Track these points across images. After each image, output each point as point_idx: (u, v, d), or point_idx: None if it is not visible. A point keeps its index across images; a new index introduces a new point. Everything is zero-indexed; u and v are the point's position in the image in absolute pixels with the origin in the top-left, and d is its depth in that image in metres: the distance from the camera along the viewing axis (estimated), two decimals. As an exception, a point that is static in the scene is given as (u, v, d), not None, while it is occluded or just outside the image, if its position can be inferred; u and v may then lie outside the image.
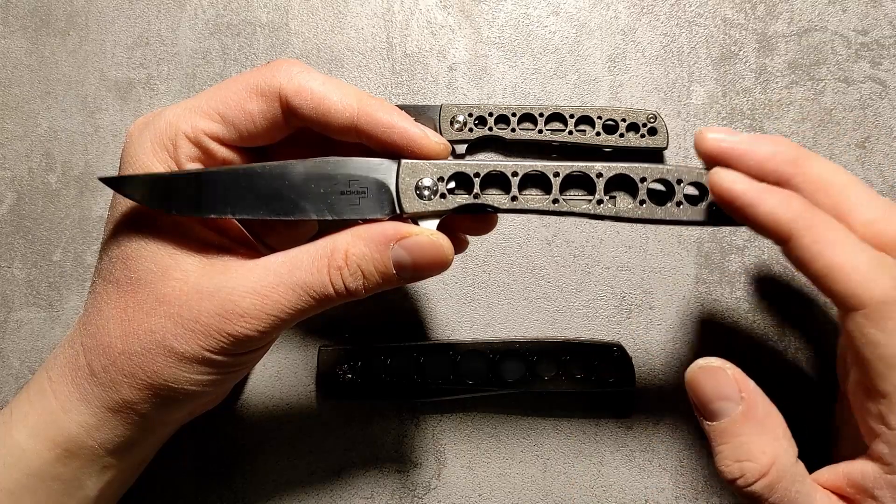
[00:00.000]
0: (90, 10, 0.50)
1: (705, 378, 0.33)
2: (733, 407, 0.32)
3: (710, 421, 0.33)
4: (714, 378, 0.33)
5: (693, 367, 0.34)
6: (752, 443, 0.32)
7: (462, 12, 0.50)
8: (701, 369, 0.34)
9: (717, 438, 0.33)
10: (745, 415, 0.32)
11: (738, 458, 0.32)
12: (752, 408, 0.32)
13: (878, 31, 0.49)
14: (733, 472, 0.32)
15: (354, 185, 0.33)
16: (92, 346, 0.33)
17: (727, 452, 0.32)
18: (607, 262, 0.47)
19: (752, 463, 0.31)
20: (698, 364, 0.34)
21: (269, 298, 0.32)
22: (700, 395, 0.33)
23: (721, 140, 0.34)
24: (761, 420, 0.32)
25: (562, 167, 0.34)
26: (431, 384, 0.44)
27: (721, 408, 0.33)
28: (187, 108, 0.34)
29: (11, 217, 0.48)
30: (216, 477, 0.45)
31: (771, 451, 0.32)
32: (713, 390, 0.33)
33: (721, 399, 0.33)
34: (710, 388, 0.33)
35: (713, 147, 0.34)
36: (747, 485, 0.31)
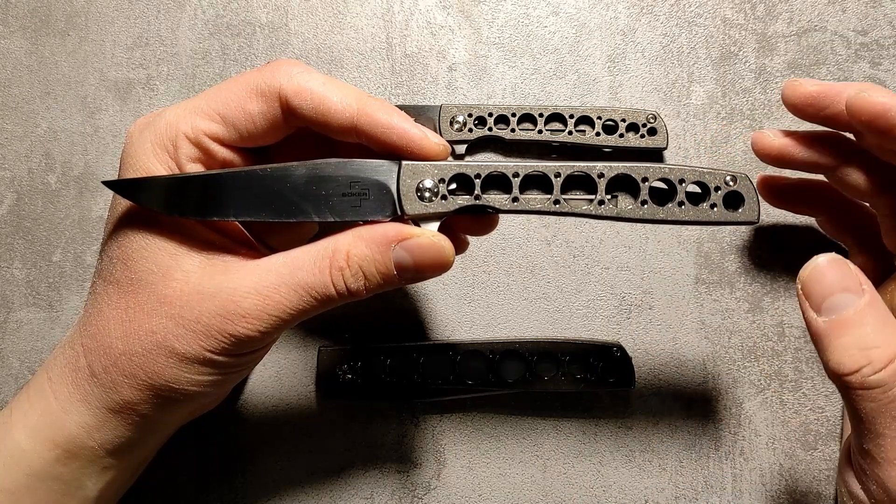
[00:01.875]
0: (90, 10, 0.50)
1: (828, 269, 0.32)
2: (855, 298, 0.31)
3: (828, 316, 0.31)
4: (838, 270, 0.32)
5: (813, 261, 0.33)
6: (877, 332, 0.30)
7: (462, 12, 0.50)
8: (824, 261, 0.32)
9: (838, 331, 0.31)
10: (869, 304, 0.31)
11: (864, 346, 0.30)
12: (875, 299, 0.31)
13: (877, 31, 0.49)
14: (859, 361, 0.30)
15: (356, 187, 0.33)
16: (92, 347, 0.33)
17: (851, 343, 0.31)
18: (607, 263, 0.47)
19: (879, 349, 0.30)
20: (819, 258, 0.32)
21: (271, 299, 0.32)
22: (820, 287, 0.32)
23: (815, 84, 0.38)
24: (883, 312, 0.31)
25: (563, 167, 0.34)
26: (431, 384, 0.44)
27: (842, 300, 0.31)
28: (187, 108, 0.34)
29: (11, 217, 0.48)
30: (216, 477, 0.45)
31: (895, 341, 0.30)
32: (836, 282, 0.32)
33: (844, 290, 0.31)
34: (832, 279, 0.32)
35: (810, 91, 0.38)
36: (874, 371, 0.30)
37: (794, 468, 0.44)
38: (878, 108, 0.34)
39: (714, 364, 0.46)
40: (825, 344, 0.31)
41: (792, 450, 0.45)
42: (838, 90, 0.37)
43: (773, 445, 0.45)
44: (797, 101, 0.38)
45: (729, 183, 0.34)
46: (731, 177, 0.34)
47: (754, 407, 0.45)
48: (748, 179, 0.34)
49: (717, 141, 0.48)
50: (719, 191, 0.34)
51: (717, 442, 0.45)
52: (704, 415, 0.45)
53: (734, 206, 0.34)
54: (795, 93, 0.38)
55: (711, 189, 0.34)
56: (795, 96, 0.38)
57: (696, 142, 0.48)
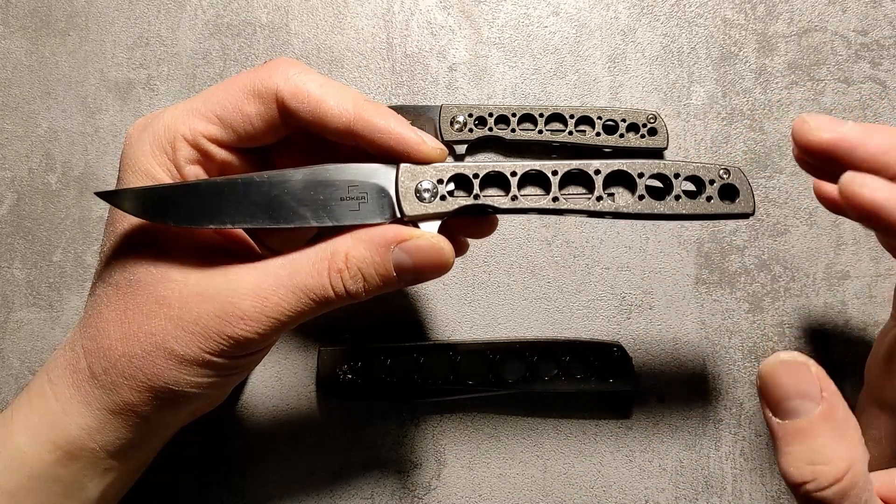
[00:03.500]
0: (90, 11, 0.50)
1: (786, 373, 0.30)
2: (812, 407, 0.29)
3: (783, 419, 0.30)
4: (795, 374, 0.30)
5: (772, 359, 0.31)
6: (828, 446, 0.29)
7: (462, 13, 0.50)
8: (782, 363, 0.30)
9: (789, 438, 0.30)
10: (824, 416, 0.29)
11: (812, 461, 0.29)
12: (832, 410, 0.30)
13: (878, 31, 0.49)
14: (804, 476, 0.29)
15: (354, 191, 0.33)
16: (92, 349, 0.33)
17: (799, 454, 0.29)
18: (607, 263, 0.47)
19: (826, 467, 0.29)
20: (779, 357, 0.31)
21: (270, 301, 0.32)
22: (777, 390, 0.30)
23: (829, 131, 0.31)
24: (840, 424, 0.30)
25: (560, 165, 0.34)
26: (431, 384, 0.44)
27: (798, 406, 0.30)
28: (185, 110, 0.34)
29: (11, 217, 0.48)
30: (216, 477, 0.45)
31: (848, 456, 0.29)
32: (793, 387, 0.30)
33: (799, 397, 0.30)
34: (789, 383, 0.30)
35: (820, 140, 0.31)
36: (818, 489, 0.29)
37: (794, 468, 0.44)
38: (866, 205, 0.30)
39: (714, 364, 0.46)
40: (777, 446, 0.30)
41: (792, 450, 0.44)
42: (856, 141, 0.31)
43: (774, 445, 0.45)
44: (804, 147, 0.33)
45: (723, 176, 0.34)
46: (725, 170, 0.34)
47: (754, 407, 0.45)
48: (742, 172, 0.34)
49: (717, 141, 0.48)
50: (714, 184, 0.34)
51: (717, 442, 0.45)
52: (704, 415, 0.45)
53: (730, 198, 0.34)
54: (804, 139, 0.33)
55: (706, 183, 0.34)
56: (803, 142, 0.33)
57: (696, 142, 0.48)
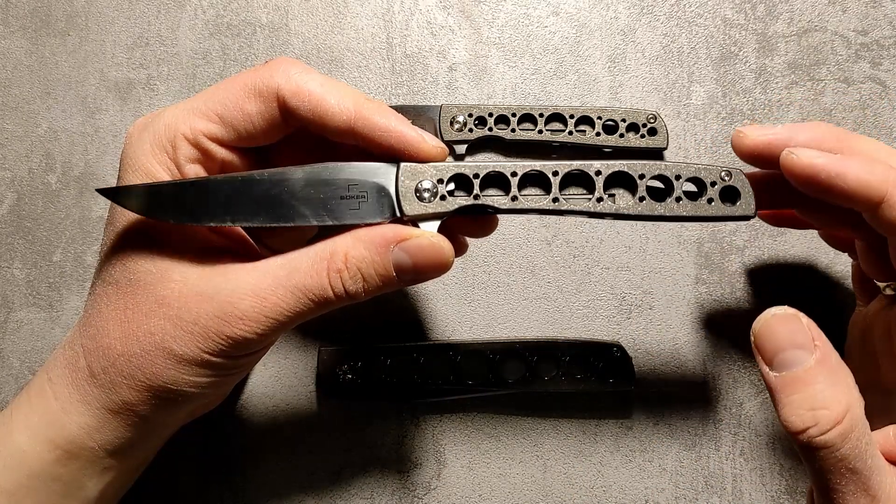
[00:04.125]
0: (90, 11, 0.50)
1: (779, 325, 0.32)
2: (806, 356, 0.31)
3: (779, 371, 0.31)
4: (788, 326, 0.32)
5: (765, 314, 0.32)
6: (826, 391, 0.30)
7: (462, 13, 0.50)
8: (774, 317, 0.32)
9: (787, 388, 0.31)
10: (819, 363, 0.31)
11: (812, 407, 0.30)
12: (826, 357, 0.31)
13: (878, 31, 0.49)
14: (806, 421, 0.30)
15: (354, 190, 0.33)
16: (92, 348, 0.33)
17: (799, 402, 0.30)
18: (607, 263, 0.47)
19: (826, 410, 0.30)
20: (771, 312, 0.32)
21: (269, 301, 0.32)
22: (772, 342, 0.32)
23: (761, 134, 0.35)
24: (834, 370, 0.31)
25: (560, 166, 0.34)
26: (431, 384, 0.44)
27: (793, 356, 0.31)
28: (186, 109, 0.34)
29: (11, 217, 0.48)
30: (216, 477, 0.45)
31: (845, 399, 0.30)
32: (787, 338, 0.31)
33: (794, 347, 0.31)
34: (783, 335, 0.31)
35: (756, 142, 0.35)
36: (821, 433, 0.30)
37: (795, 468, 0.44)
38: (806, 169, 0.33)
39: (714, 364, 0.46)
40: (776, 399, 0.31)
41: (792, 450, 0.44)
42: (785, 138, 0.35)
43: (773, 445, 0.45)
44: (745, 155, 0.37)
45: (724, 178, 0.34)
46: (727, 172, 0.34)
47: (754, 407, 0.45)
48: (743, 174, 0.34)
49: (717, 141, 0.48)
50: (715, 186, 0.34)
51: (717, 442, 0.45)
52: (704, 415, 0.45)
53: (731, 200, 0.34)
54: (742, 145, 0.36)
55: (707, 185, 0.34)
56: (742, 149, 0.37)
57: (696, 142, 0.48)
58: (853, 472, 0.30)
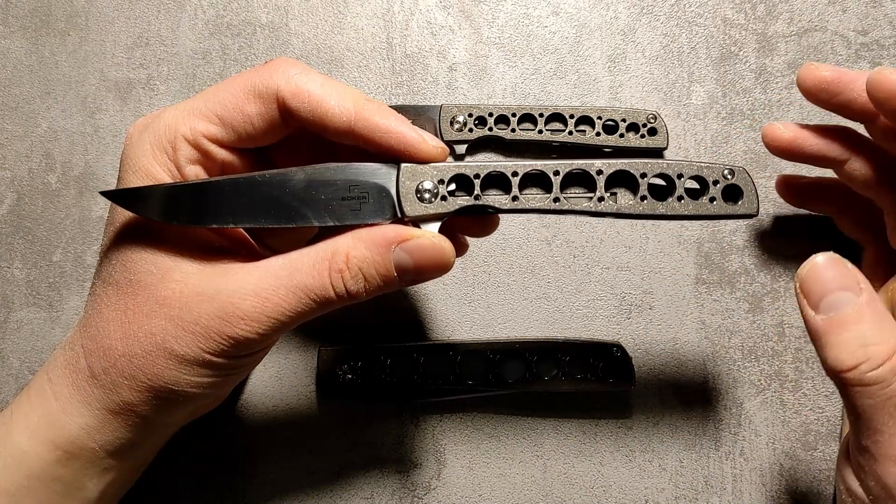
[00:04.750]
0: (90, 10, 0.50)
1: (826, 269, 0.32)
2: (853, 297, 0.31)
3: (826, 313, 0.32)
4: (836, 268, 0.32)
5: (811, 260, 0.33)
6: (875, 329, 0.31)
7: (462, 12, 0.50)
8: (822, 261, 0.32)
9: (837, 328, 0.31)
10: (867, 303, 0.31)
11: (863, 343, 0.30)
12: (873, 298, 0.32)
13: (878, 31, 0.49)
14: (857, 357, 0.30)
15: (355, 191, 0.33)
16: (92, 349, 0.33)
17: (849, 339, 0.31)
18: (607, 262, 0.47)
19: (878, 346, 0.30)
20: (817, 257, 0.33)
21: (270, 301, 0.32)
22: (819, 285, 0.32)
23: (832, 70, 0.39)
24: (881, 311, 0.32)
25: (562, 165, 0.34)
26: (431, 384, 0.44)
27: (841, 298, 0.31)
28: (186, 110, 0.34)
29: (11, 217, 0.48)
30: (216, 477, 0.45)
31: (893, 337, 0.31)
32: (834, 280, 0.32)
33: (842, 289, 0.32)
34: (830, 277, 0.32)
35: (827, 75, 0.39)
36: (872, 368, 0.30)
37: (795, 468, 0.44)
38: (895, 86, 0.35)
39: (714, 364, 0.46)
40: (823, 342, 0.32)
41: (792, 450, 0.45)
42: (853, 77, 0.38)
43: (773, 445, 0.45)
44: (811, 86, 0.39)
45: (727, 176, 0.34)
46: (729, 170, 0.34)
47: (754, 407, 0.45)
48: (746, 173, 0.34)
49: (717, 141, 0.48)
50: (718, 184, 0.34)
51: (717, 442, 0.45)
52: (704, 415, 0.45)
53: (733, 199, 0.34)
54: (811, 76, 0.39)
55: (710, 183, 0.34)
56: (811, 80, 0.39)
57: (696, 142, 0.48)
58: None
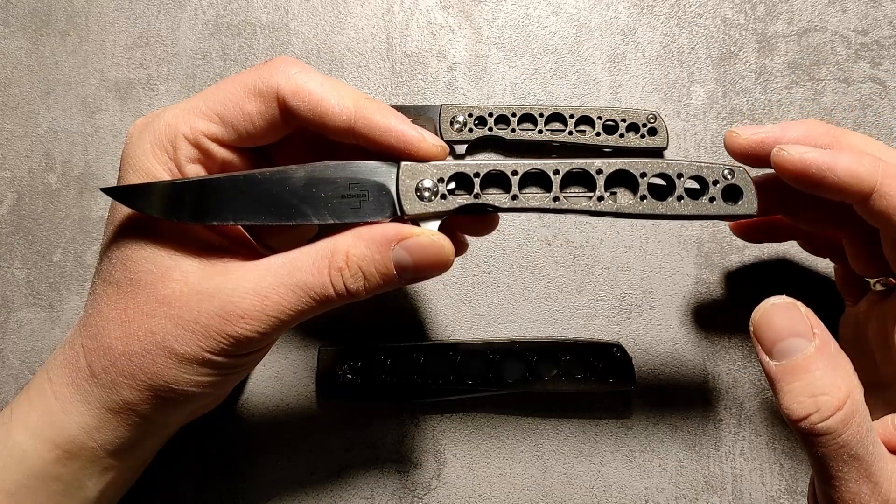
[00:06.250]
0: (90, 10, 0.50)
1: (778, 314, 0.32)
2: (805, 344, 0.31)
3: (779, 360, 0.31)
4: (787, 314, 0.32)
5: (763, 304, 0.33)
6: (826, 377, 0.30)
7: (462, 12, 0.50)
8: (773, 306, 0.32)
9: (788, 376, 0.31)
10: (819, 350, 0.31)
11: (812, 394, 0.30)
12: (825, 343, 0.31)
13: (878, 31, 0.49)
14: (807, 408, 0.30)
15: (355, 189, 0.33)
16: (92, 348, 0.33)
17: (799, 389, 0.30)
18: (607, 263, 0.47)
19: (827, 397, 0.30)
20: (769, 301, 0.33)
21: (270, 300, 0.32)
22: (771, 332, 0.32)
23: (753, 133, 0.36)
24: (834, 357, 0.31)
25: (561, 164, 0.34)
26: (431, 384, 0.44)
27: (792, 345, 0.31)
28: (186, 109, 0.34)
29: (11, 217, 0.48)
30: (216, 477, 0.45)
31: (845, 385, 0.30)
32: (786, 327, 0.32)
33: (793, 335, 0.31)
34: (782, 324, 0.32)
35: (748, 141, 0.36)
36: (822, 419, 0.30)
37: (795, 468, 0.44)
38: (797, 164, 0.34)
39: (714, 364, 0.46)
40: (776, 388, 0.31)
41: (792, 450, 0.44)
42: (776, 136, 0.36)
43: (773, 445, 0.45)
44: (737, 154, 0.37)
45: (727, 176, 0.34)
46: (729, 170, 0.34)
47: (754, 407, 0.45)
48: (746, 173, 0.34)
49: (717, 141, 0.48)
50: (717, 184, 0.34)
51: (717, 442, 0.45)
52: (704, 415, 0.45)
53: (733, 199, 0.34)
54: (734, 144, 0.37)
55: (710, 183, 0.34)
56: (735, 148, 0.37)
57: (696, 142, 0.48)
58: (855, 458, 0.30)
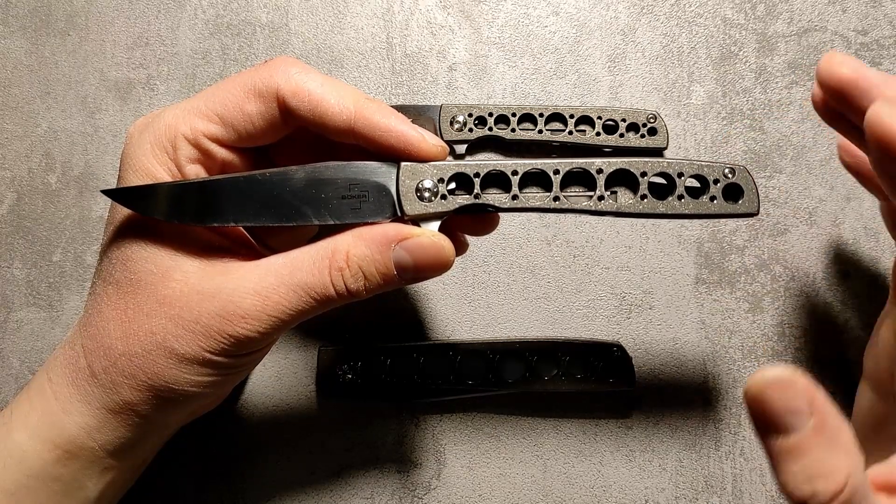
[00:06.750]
0: (90, 10, 0.50)
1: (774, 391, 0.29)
2: (803, 421, 0.29)
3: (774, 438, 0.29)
4: (784, 391, 0.29)
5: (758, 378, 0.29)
6: (824, 459, 0.28)
7: (462, 12, 0.50)
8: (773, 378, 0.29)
9: (785, 456, 0.29)
10: (816, 429, 0.29)
11: (810, 477, 0.28)
12: (823, 421, 0.29)
13: (878, 31, 0.49)
14: (804, 492, 0.28)
15: (355, 189, 0.33)
16: (92, 348, 0.33)
17: (797, 471, 0.29)
18: (607, 262, 0.47)
19: (825, 480, 0.28)
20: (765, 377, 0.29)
21: (270, 299, 0.32)
22: (767, 410, 0.29)
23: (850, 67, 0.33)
24: (833, 434, 0.29)
25: (562, 164, 0.34)
26: (431, 384, 0.44)
27: (789, 422, 0.29)
28: (186, 109, 0.34)
29: (11, 217, 0.48)
30: (216, 477, 0.45)
31: (845, 467, 0.29)
32: (783, 404, 0.29)
33: (791, 413, 0.29)
34: (779, 401, 0.29)
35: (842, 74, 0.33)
36: None
37: (795, 468, 0.44)
38: None
39: (714, 364, 0.46)
40: (776, 465, 0.30)
41: (792, 450, 0.44)
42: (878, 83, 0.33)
43: (774, 445, 0.45)
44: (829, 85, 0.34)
45: (728, 175, 0.34)
46: (730, 169, 0.34)
47: (754, 407, 0.45)
48: (747, 172, 0.34)
49: (717, 141, 0.48)
50: (718, 183, 0.34)
51: (717, 442, 0.45)
52: (704, 415, 0.45)
53: (734, 198, 0.34)
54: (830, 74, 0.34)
55: (710, 182, 0.34)
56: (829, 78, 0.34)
57: (696, 142, 0.48)
58: None
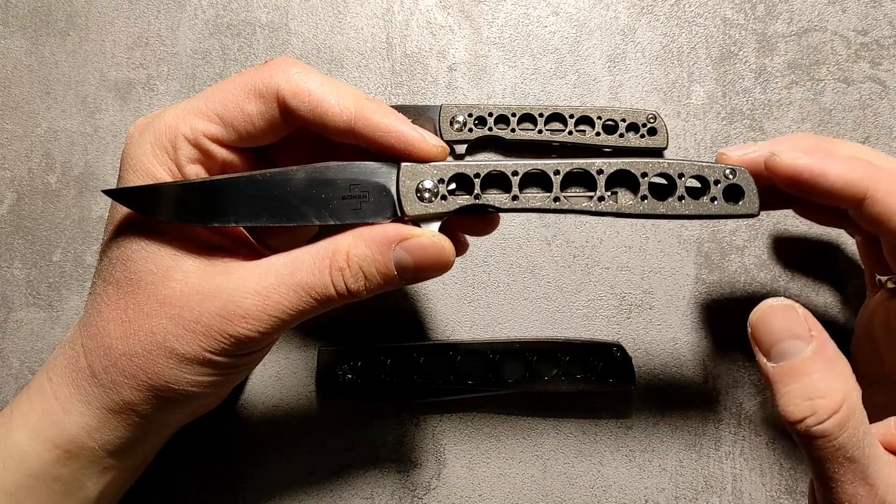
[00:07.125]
0: (90, 10, 0.50)
1: (776, 316, 0.32)
2: (802, 346, 0.31)
3: (776, 362, 0.32)
4: (785, 316, 0.32)
5: (761, 306, 0.33)
6: (823, 380, 0.31)
7: (462, 12, 0.50)
8: (771, 308, 0.32)
9: (785, 379, 0.31)
10: (816, 352, 0.31)
11: (809, 397, 0.30)
12: (822, 346, 0.31)
13: (877, 31, 0.49)
14: (803, 411, 0.30)
15: (355, 190, 0.33)
16: (92, 348, 0.33)
17: (796, 392, 0.31)
18: (607, 262, 0.47)
19: (824, 400, 0.30)
20: (767, 303, 0.33)
21: (271, 299, 0.32)
22: (768, 334, 0.32)
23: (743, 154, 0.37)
24: (831, 359, 0.31)
25: (562, 165, 0.34)
26: (431, 384, 0.44)
27: (790, 347, 0.31)
28: (186, 109, 0.34)
29: (11, 217, 0.48)
30: (216, 477, 0.45)
31: (842, 388, 0.31)
32: (783, 329, 0.32)
33: (791, 338, 0.31)
34: (780, 326, 0.32)
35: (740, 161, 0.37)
36: (818, 422, 0.30)
37: (794, 468, 0.44)
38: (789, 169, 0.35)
39: (714, 364, 0.46)
40: (773, 390, 0.32)
41: (792, 450, 0.45)
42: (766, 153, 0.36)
43: (773, 445, 0.45)
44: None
45: (728, 176, 0.34)
46: (731, 170, 0.34)
47: (754, 407, 0.45)
48: (747, 172, 0.34)
49: (717, 141, 0.48)
50: (719, 184, 0.34)
51: (717, 442, 0.45)
52: (704, 415, 0.45)
53: (734, 199, 0.34)
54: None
55: (711, 183, 0.34)
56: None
57: (696, 142, 0.48)
58: (851, 460, 0.30)
